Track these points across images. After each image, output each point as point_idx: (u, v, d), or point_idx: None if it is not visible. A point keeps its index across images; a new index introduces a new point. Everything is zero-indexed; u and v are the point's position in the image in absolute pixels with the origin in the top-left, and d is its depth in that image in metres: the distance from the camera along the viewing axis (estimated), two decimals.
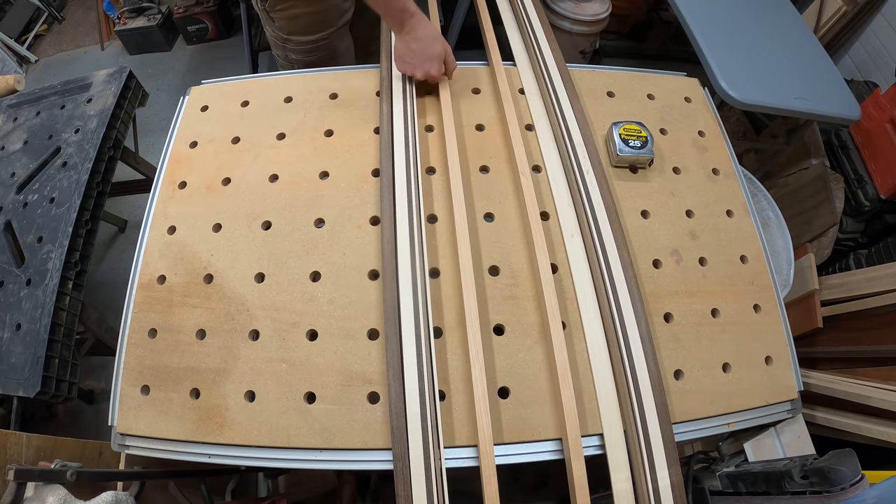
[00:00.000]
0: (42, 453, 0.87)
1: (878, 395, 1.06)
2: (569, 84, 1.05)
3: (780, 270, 1.23)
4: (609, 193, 0.92)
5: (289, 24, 1.26)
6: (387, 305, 0.79)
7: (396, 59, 1.02)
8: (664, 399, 0.75)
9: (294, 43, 1.31)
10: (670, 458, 0.71)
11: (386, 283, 0.81)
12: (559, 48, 1.12)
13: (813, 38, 1.75)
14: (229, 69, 2.79)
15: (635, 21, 2.79)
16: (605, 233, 0.87)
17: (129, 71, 1.49)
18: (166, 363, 0.81)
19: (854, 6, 2.00)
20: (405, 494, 0.67)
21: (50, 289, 1.12)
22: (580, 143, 0.97)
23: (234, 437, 0.75)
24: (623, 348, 0.78)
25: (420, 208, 0.88)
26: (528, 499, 1.59)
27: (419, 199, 0.89)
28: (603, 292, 0.82)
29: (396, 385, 0.73)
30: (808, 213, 1.81)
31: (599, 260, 0.85)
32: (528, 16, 1.20)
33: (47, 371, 1.06)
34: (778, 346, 0.88)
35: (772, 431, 0.87)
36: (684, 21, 1.65)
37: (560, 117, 1.00)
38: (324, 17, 1.27)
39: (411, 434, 0.71)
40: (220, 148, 1.01)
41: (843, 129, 1.87)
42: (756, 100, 1.47)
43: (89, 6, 3.28)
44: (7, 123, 1.47)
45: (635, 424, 0.73)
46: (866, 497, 0.65)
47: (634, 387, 0.75)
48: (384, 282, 0.82)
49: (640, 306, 0.81)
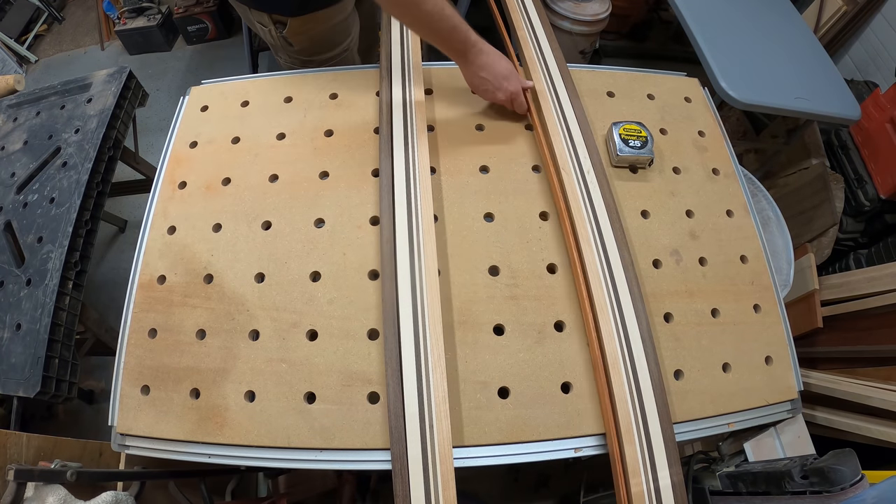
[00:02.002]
0: (42, 453, 0.87)
1: (878, 395, 1.06)
2: (569, 84, 1.05)
3: (780, 270, 1.23)
4: (609, 193, 0.92)
5: (311, 45, 1.22)
6: (385, 305, 0.79)
7: (476, 91, 1.02)
8: (665, 398, 0.75)
9: (316, 63, 1.26)
10: (671, 458, 0.71)
11: (385, 283, 0.81)
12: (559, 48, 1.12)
13: (813, 38, 1.75)
14: (229, 69, 2.79)
15: (635, 21, 2.79)
16: (605, 232, 0.87)
17: (129, 71, 1.49)
18: (166, 363, 0.81)
19: (854, 6, 2.00)
20: (403, 495, 0.67)
21: (50, 289, 1.13)
22: (581, 143, 0.97)
23: (234, 437, 0.75)
24: (624, 347, 0.78)
25: (419, 208, 0.88)
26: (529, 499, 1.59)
27: (418, 198, 0.89)
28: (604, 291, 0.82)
29: (395, 385, 0.73)
30: (808, 213, 1.81)
31: (601, 259, 0.85)
32: (528, 15, 1.20)
33: (47, 371, 1.06)
34: (778, 346, 0.88)
35: (772, 431, 0.87)
36: (684, 21, 1.66)
37: (561, 117, 1.00)
38: (342, 26, 1.24)
39: (410, 434, 0.70)
40: (220, 148, 1.01)
41: (843, 129, 1.87)
42: (756, 100, 1.47)
43: (89, 6, 3.28)
44: (7, 123, 1.47)
45: (636, 423, 0.73)
46: (866, 497, 0.65)
47: (636, 386, 0.75)
48: (383, 282, 0.82)
49: (640, 306, 0.81)
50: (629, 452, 0.71)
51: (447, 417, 0.71)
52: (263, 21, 1.16)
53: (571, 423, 0.76)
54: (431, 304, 0.79)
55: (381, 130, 0.98)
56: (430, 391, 0.73)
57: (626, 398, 0.74)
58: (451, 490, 0.67)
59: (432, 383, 0.73)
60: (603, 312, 0.80)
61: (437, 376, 0.74)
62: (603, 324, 0.79)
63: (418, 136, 0.97)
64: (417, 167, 0.93)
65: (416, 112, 1.00)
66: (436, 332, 0.77)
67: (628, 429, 0.72)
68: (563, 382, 0.79)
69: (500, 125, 1.04)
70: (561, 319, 0.83)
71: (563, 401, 0.77)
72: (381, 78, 1.07)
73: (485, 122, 1.04)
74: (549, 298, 0.85)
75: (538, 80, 1.06)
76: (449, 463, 0.69)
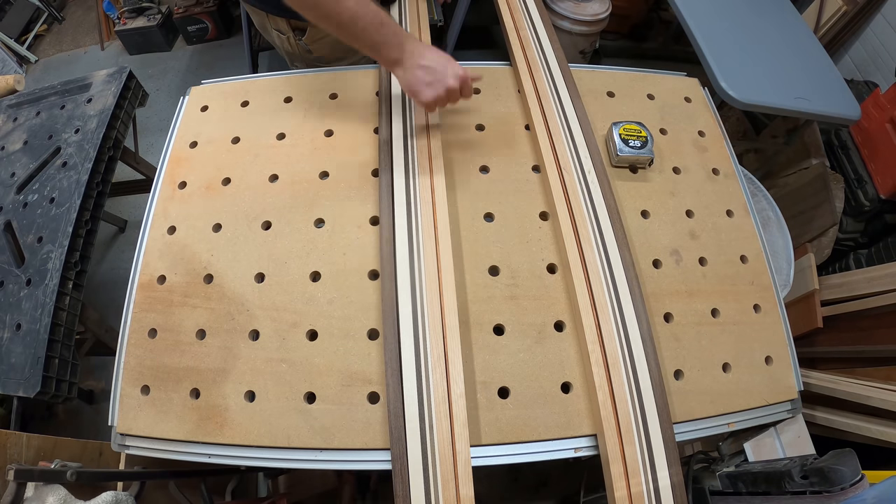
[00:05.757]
0: (42, 453, 0.87)
1: (878, 395, 1.06)
2: (571, 84, 1.05)
3: (780, 270, 1.23)
4: (610, 192, 0.92)
5: (331, 51, 1.18)
6: (385, 305, 0.79)
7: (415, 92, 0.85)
8: (665, 399, 0.75)
9: None
10: (671, 458, 0.71)
11: (385, 283, 0.81)
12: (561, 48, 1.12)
13: (813, 37, 1.75)
14: (229, 69, 2.79)
15: (635, 21, 2.79)
16: (606, 232, 0.87)
17: (129, 71, 1.49)
18: (166, 363, 0.81)
19: (854, 6, 2.00)
20: (403, 495, 0.67)
21: (50, 289, 1.12)
22: (581, 142, 0.97)
23: (234, 437, 0.75)
24: (625, 347, 0.78)
25: (418, 208, 0.88)
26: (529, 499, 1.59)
27: (417, 198, 0.89)
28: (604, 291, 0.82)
29: (395, 384, 0.73)
30: (808, 213, 1.81)
31: (601, 259, 0.85)
32: (530, 15, 1.20)
33: (47, 371, 1.06)
34: (778, 346, 0.88)
35: (772, 431, 0.87)
36: (684, 21, 1.66)
37: (562, 117, 1.00)
38: None
39: (410, 435, 0.71)
40: (220, 148, 1.01)
41: (843, 129, 1.87)
42: (756, 100, 1.47)
43: (89, 6, 3.28)
44: (7, 123, 1.47)
45: (636, 424, 0.73)
46: (866, 497, 0.65)
47: (636, 386, 0.75)
48: (383, 281, 0.82)
49: (641, 306, 0.81)
50: (629, 453, 0.71)
51: (447, 417, 0.71)
52: (282, 28, 1.12)
53: (572, 424, 0.76)
54: (431, 302, 0.79)
55: (380, 129, 0.98)
56: (430, 391, 0.73)
57: (627, 398, 0.74)
58: (451, 490, 0.67)
59: (432, 382, 0.73)
60: (603, 312, 0.80)
61: (437, 376, 0.74)
62: (603, 323, 0.79)
63: (416, 135, 0.97)
64: (416, 167, 0.93)
65: (414, 112, 1.00)
66: (435, 332, 0.76)
67: (628, 429, 0.72)
68: (564, 382, 0.79)
69: (500, 125, 1.04)
70: (561, 319, 0.83)
71: (564, 401, 0.77)
72: (381, 79, 1.07)
73: (485, 123, 1.04)
74: (549, 298, 0.85)
75: (540, 79, 1.06)
76: (449, 463, 0.69)
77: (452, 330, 0.77)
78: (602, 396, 0.74)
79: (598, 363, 0.77)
